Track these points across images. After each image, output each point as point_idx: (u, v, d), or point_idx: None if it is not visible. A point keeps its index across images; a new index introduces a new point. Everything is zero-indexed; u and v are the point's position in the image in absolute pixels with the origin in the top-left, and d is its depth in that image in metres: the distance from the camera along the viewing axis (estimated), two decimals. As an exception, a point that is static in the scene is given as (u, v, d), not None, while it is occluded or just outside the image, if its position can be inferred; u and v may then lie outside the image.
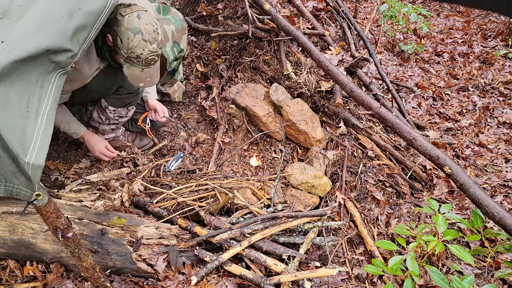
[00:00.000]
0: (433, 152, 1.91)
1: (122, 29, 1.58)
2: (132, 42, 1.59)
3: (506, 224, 1.62)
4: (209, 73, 2.86)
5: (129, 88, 1.98)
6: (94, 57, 1.76)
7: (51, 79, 1.17)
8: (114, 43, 1.63)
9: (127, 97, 2.04)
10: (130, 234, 1.63)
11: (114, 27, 1.61)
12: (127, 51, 1.61)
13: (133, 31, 1.58)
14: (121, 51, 1.62)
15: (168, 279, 1.58)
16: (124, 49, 1.61)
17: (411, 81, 3.75)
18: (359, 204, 2.16)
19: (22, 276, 1.55)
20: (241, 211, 1.89)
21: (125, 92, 1.99)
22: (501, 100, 3.45)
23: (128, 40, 1.58)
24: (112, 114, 2.12)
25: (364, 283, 1.76)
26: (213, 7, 3.00)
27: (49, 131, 1.11)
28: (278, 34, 2.66)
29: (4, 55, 0.99)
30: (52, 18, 1.15)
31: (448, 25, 5.09)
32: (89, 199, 1.94)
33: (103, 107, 2.09)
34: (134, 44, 1.59)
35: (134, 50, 1.60)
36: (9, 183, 1.01)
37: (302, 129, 2.30)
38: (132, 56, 1.62)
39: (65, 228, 1.16)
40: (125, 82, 1.89)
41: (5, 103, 0.99)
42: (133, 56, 1.62)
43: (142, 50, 1.61)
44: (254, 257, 1.66)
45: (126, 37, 1.58)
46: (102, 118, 2.15)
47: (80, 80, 1.78)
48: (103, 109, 2.10)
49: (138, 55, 1.62)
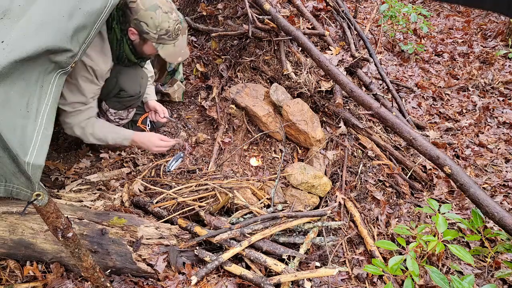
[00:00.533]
0: (433, 152, 1.91)
1: (141, 13, 1.61)
2: (157, 20, 1.62)
3: (506, 224, 1.62)
4: (209, 73, 2.86)
5: (130, 91, 1.99)
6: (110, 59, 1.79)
7: (51, 79, 1.17)
8: (140, 31, 1.66)
9: (128, 100, 2.05)
10: (130, 234, 1.63)
11: (131, 18, 1.64)
12: (156, 30, 1.64)
13: (153, 9, 1.61)
14: (150, 34, 1.65)
15: (168, 279, 1.58)
16: (152, 30, 1.64)
17: (411, 81, 3.75)
18: (359, 204, 2.16)
19: (22, 276, 1.55)
20: (241, 211, 1.89)
21: (126, 95, 2.00)
22: (501, 100, 3.45)
23: (152, 19, 1.61)
24: (113, 117, 2.13)
25: (364, 283, 1.76)
26: (213, 7, 3.00)
27: (49, 131, 1.11)
28: (278, 34, 2.66)
29: (4, 55, 0.99)
30: (52, 18, 1.15)
31: (448, 25, 5.09)
32: (89, 199, 1.94)
33: (103, 110, 2.09)
34: (159, 20, 1.62)
35: (162, 25, 1.63)
36: (9, 183, 1.01)
37: (302, 129, 2.30)
38: (162, 33, 1.65)
39: (65, 228, 1.16)
40: (126, 85, 1.92)
41: (5, 103, 0.99)
42: (163, 32, 1.65)
43: (168, 23, 1.64)
44: (254, 257, 1.66)
45: (150, 17, 1.61)
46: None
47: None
48: (103, 111, 2.10)
49: (167, 29, 1.65)
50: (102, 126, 1.94)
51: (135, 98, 2.06)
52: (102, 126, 1.94)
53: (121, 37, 1.73)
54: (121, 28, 1.70)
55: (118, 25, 1.69)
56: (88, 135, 1.88)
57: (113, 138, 1.95)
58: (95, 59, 1.70)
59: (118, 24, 1.69)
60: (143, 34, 1.66)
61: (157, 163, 2.29)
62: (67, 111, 1.77)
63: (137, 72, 2.01)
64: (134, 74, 1.99)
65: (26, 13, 1.12)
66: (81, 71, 1.69)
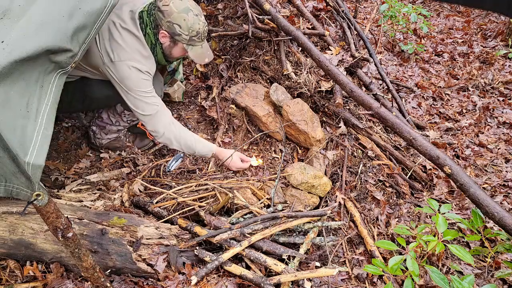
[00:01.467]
0: (433, 152, 1.91)
1: (175, 15, 1.65)
2: (189, 22, 1.66)
3: (506, 224, 1.62)
4: (209, 73, 2.86)
5: None
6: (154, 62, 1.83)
7: (51, 79, 1.17)
8: (172, 33, 1.70)
9: None
10: (130, 234, 1.63)
11: (164, 21, 1.67)
12: (189, 32, 1.68)
13: (185, 11, 1.65)
14: (182, 36, 1.70)
15: (168, 279, 1.58)
16: (185, 32, 1.68)
17: (411, 81, 3.75)
18: (359, 204, 2.16)
19: (22, 276, 1.55)
20: (241, 211, 1.89)
21: None
22: (501, 100, 3.45)
23: (185, 21, 1.65)
24: (126, 118, 2.18)
25: (364, 283, 1.76)
26: (213, 7, 3.00)
27: (49, 131, 1.11)
28: (278, 34, 2.66)
29: (4, 55, 0.99)
30: (52, 18, 1.15)
31: (448, 25, 5.09)
32: (89, 199, 1.94)
33: (118, 112, 2.13)
34: (191, 22, 1.67)
35: (194, 27, 1.68)
36: (9, 183, 1.01)
37: (302, 129, 2.30)
38: (193, 34, 1.70)
39: (65, 228, 1.16)
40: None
41: (5, 103, 0.99)
42: (194, 34, 1.70)
43: (198, 25, 1.69)
44: (254, 257, 1.66)
45: (183, 19, 1.65)
46: (112, 120, 2.17)
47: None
48: (117, 113, 2.14)
49: (197, 31, 1.70)
50: (187, 133, 1.94)
51: None
52: (186, 133, 1.94)
53: (155, 41, 1.77)
54: (154, 32, 1.74)
55: (151, 30, 1.73)
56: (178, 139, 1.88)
57: (200, 148, 1.96)
58: (145, 63, 1.75)
59: (151, 30, 1.73)
60: (175, 36, 1.71)
61: (157, 163, 2.29)
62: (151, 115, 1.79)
63: (158, 77, 2.07)
64: (157, 78, 2.04)
65: (26, 13, 1.12)
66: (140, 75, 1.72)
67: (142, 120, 1.83)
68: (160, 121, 1.82)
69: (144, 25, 1.72)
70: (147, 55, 1.76)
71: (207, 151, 1.99)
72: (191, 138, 1.93)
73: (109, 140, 2.27)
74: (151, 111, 1.78)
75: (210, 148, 2.00)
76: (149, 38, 1.75)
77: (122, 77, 1.69)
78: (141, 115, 1.79)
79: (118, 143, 2.31)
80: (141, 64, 1.72)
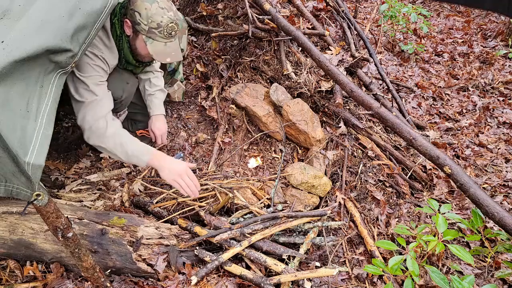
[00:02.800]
0: (433, 152, 1.91)
1: (138, 3, 1.61)
2: (150, 11, 1.61)
3: (506, 224, 1.62)
4: (209, 73, 2.86)
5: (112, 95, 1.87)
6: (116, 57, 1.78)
7: (51, 79, 1.17)
8: (133, 22, 1.65)
9: None
10: (130, 234, 1.63)
11: (128, 9, 1.64)
12: (147, 21, 1.62)
13: (149, 1, 1.61)
14: (141, 25, 1.63)
15: (168, 279, 1.58)
16: (144, 21, 1.62)
17: (411, 81, 3.75)
18: (359, 204, 2.16)
19: (22, 276, 1.55)
20: (241, 211, 1.89)
21: None
22: (501, 100, 3.45)
23: (146, 10, 1.60)
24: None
25: (364, 283, 1.76)
26: (213, 7, 3.00)
27: (49, 131, 1.11)
28: (278, 34, 2.66)
29: (4, 55, 0.99)
30: (52, 18, 1.16)
31: (448, 25, 5.09)
32: (89, 199, 1.94)
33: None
34: (153, 12, 1.61)
35: (154, 18, 1.62)
36: (9, 183, 1.01)
37: (302, 129, 2.30)
38: (153, 26, 1.63)
39: (65, 228, 1.16)
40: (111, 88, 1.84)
41: (5, 103, 0.99)
42: (154, 26, 1.63)
43: (161, 18, 1.62)
44: (254, 257, 1.66)
45: (144, 8, 1.60)
46: None
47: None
48: None
49: (158, 23, 1.62)
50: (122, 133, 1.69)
51: (117, 103, 1.94)
52: (121, 132, 1.69)
53: (121, 34, 1.72)
54: (121, 22, 1.70)
55: (118, 21, 1.70)
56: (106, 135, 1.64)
57: (134, 149, 1.66)
58: (105, 52, 1.71)
59: (118, 21, 1.70)
60: (135, 25, 1.65)
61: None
62: (84, 102, 1.62)
63: (122, 76, 1.91)
64: (118, 78, 1.88)
65: (26, 13, 1.12)
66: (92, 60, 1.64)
67: (75, 107, 1.65)
68: (91, 112, 1.62)
69: (113, 16, 1.69)
70: (109, 45, 1.71)
71: (142, 153, 1.66)
72: (125, 137, 1.67)
73: None
74: (85, 99, 1.61)
75: (148, 150, 1.69)
76: (115, 29, 1.70)
77: None
78: (74, 100, 1.64)
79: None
80: (98, 50, 1.65)
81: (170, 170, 1.67)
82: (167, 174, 1.67)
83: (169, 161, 1.70)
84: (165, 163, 1.68)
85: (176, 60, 1.76)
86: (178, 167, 1.68)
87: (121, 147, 1.64)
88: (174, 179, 1.67)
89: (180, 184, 1.67)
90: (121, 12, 1.70)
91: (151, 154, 1.68)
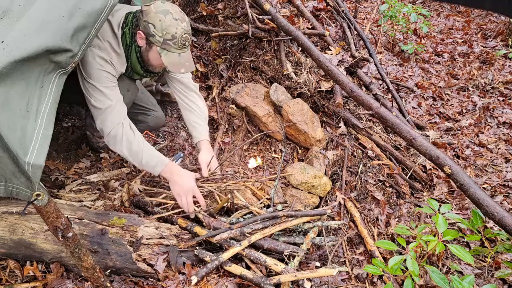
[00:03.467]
0: (433, 152, 1.91)
1: (151, 15, 1.61)
2: (164, 23, 1.60)
3: (506, 224, 1.62)
4: (209, 73, 2.86)
5: None
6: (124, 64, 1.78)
7: (51, 79, 1.17)
8: (147, 34, 1.64)
9: None
10: (130, 234, 1.63)
11: (141, 21, 1.64)
12: (162, 33, 1.61)
13: (163, 13, 1.60)
14: (156, 37, 1.63)
15: (168, 279, 1.58)
16: (158, 33, 1.62)
17: (411, 81, 3.75)
18: (359, 204, 2.16)
19: (22, 276, 1.55)
20: (241, 211, 1.89)
21: None
22: (501, 100, 3.45)
23: (160, 22, 1.60)
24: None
25: (364, 283, 1.76)
26: (213, 7, 3.00)
27: (49, 131, 1.11)
28: (278, 34, 2.66)
29: (4, 55, 0.99)
30: (52, 18, 1.15)
31: (448, 25, 5.09)
32: (89, 199, 1.94)
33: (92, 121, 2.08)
34: (167, 23, 1.60)
35: (169, 29, 1.61)
36: (9, 183, 1.01)
37: (302, 129, 2.30)
38: (168, 37, 1.62)
39: (65, 228, 1.16)
40: None
41: (5, 103, 0.99)
42: (169, 37, 1.62)
43: (175, 29, 1.62)
44: (254, 257, 1.66)
45: (158, 20, 1.60)
46: (94, 126, 2.14)
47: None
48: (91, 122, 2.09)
49: (173, 35, 1.62)
50: (139, 139, 1.73)
51: None
52: (138, 139, 1.73)
53: (131, 43, 1.73)
54: (132, 33, 1.70)
55: (130, 30, 1.70)
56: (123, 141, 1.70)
57: (147, 158, 1.72)
58: (114, 58, 1.71)
59: (130, 30, 1.70)
60: (149, 37, 1.65)
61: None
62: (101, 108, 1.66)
63: (123, 83, 1.89)
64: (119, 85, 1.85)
65: (26, 13, 1.12)
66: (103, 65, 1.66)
67: (92, 112, 1.71)
68: (109, 117, 1.68)
69: (125, 25, 1.70)
70: (119, 52, 1.72)
71: (155, 163, 1.74)
72: (141, 145, 1.72)
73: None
74: (102, 105, 1.66)
75: (162, 160, 1.75)
76: (125, 38, 1.71)
77: (85, 62, 1.63)
78: (92, 106, 1.69)
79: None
80: (107, 55, 1.67)
81: (181, 186, 1.76)
82: (176, 189, 1.76)
83: (181, 176, 1.77)
84: (177, 177, 1.76)
85: (190, 70, 1.77)
86: (188, 184, 1.76)
87: (137, 155, 1.71)
88: (179, 195, 1.76)
89: (183, 201, 1.76)
90: (133, 22, 1.70)
91: (164, 165, 1.75)
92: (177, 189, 1.76)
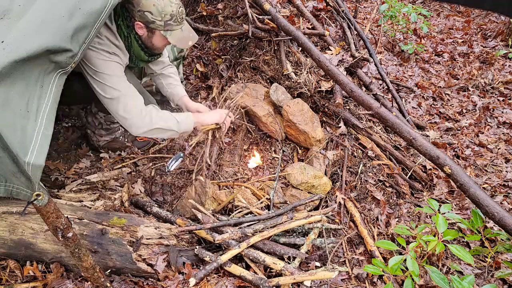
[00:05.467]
0: (433, 152, 1.91)
1: (143, 3, 1.61)
2: (159, 5, 1.61)
3: (506, 224, 1.62)
4: (209, 73, 2.86)
5: None
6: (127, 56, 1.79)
7: (51, 79, 1.16)
8: (146, 22, 1.65)
9: None
10: (130, 234, 1.63)
11: (135, 11, 1.64)
12: (161, 16, 1.63)
13: None
14: (156, 22, 1.64)
15: (168, 279, 1.58)
16: (158, 18, 1.63)
17: (411, 81, 3.75)
18: (359, 204, 2.16)
19: (22, 276, 1.55)
20: (241, 211, 1.89)
21: None
22: (501, 100, 3.45)
23: (155, 6, 1.60)
24: (103, 120, 2.12)
25: (364, 283, 1.76)
26: (213, 7, 3.00)
27: (49, 131, 1.11)
28: (278, 34, 2.66)
29: (4, 55, 0.99)
30: (52, 18, 1.15)
31: (448, 25, 5.09)
32: (89, 199, 1.94)
33: (93, 112, 2.09)
34: (162, 5, 1.61)
35: (166, 10, 1.62)
36: (9, 183, 1.01)
37: (302, 129, 2.30)
38: (167, 18, 1.64)
39: (65, 228, 1.16)
40: None
41: (5, 103, 0.99)
42: (168, 18, 1.64)
43: (171, 7, 1.63)
44: (253, 256, 1.66)
45: (152, 5, 1.60)
46: (95, 123, 2.15)
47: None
48: (93, 114, 2.10)
49: (171, 14, 1.64)
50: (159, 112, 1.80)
51: None
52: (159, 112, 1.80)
53: (128, 34, 1.73)
54: (127, 24, 1.70)
55: (123, 22, 1.70)
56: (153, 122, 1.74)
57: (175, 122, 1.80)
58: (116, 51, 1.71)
59: (123, 21, 1.70)
60: (149, 24, 1.66)
61: (156, 163, 2.29)
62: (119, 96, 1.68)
63: (133, 79, 1.96)
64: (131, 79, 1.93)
65: (26, 13, 1.12)
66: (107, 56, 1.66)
67: (109, 105, 1.71)
68: (129, 101, 1.70)
69: (118, 17, 1.69)
70: (119, 45, 1.72)
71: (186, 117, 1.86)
72: (168, 115, 1.80)
73: (107, 141, 2.26)
74: (118, 91, 1.67)
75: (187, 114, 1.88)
76: (121, 30, 1.71)
77: (91, 59, 1.63)
78: (108, 100, 1.69)
79: (116, 144, 2.31)
80: (110, 48, 1.67)
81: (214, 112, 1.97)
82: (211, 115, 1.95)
83: (207, 110, 2.01)
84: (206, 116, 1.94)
85: (195, 39, 1.80)
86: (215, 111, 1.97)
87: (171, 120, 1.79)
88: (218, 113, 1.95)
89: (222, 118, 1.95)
90: (124, 14, 1.69)
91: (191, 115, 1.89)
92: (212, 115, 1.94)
